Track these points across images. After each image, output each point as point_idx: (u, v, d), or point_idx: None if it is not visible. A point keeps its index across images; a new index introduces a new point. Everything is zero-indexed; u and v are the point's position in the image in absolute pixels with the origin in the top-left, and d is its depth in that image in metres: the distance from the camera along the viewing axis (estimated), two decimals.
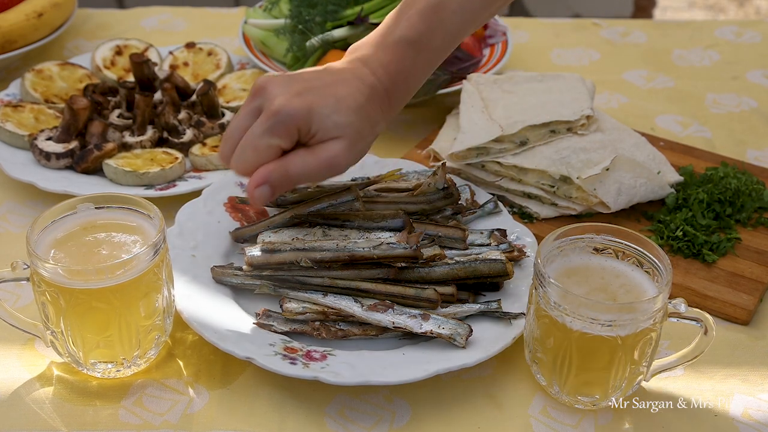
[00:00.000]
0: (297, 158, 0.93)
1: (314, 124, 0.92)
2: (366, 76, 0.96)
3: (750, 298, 1.03)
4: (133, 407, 0.90)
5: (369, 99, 0.95)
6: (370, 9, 1.42)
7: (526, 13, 3.05)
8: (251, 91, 0.95)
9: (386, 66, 0.97)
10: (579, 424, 0.89)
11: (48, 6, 1.50)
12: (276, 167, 0.93)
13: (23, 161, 1.23)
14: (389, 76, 0.97)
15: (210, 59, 1.47)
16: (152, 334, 0.92)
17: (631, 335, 0.83)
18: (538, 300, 0.87)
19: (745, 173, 1.21)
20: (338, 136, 0.93)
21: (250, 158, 0.93)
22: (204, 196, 1.12)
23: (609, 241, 0.91)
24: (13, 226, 1.17)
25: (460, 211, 1.11)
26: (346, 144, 0.93)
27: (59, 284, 0.85)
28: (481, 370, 0.95)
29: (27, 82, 1.37)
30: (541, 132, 1.19)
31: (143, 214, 0.93)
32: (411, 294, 0.96)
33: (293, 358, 0.91)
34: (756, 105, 1.47)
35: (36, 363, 0.95)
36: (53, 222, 0.91)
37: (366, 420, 0.90)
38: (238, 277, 1.01)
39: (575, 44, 1.66)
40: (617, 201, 1.13)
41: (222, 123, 1.32)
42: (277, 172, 0.93)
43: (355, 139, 0.94)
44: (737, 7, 3.97)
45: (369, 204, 1.07)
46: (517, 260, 1.04)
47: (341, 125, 0.93)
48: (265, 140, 0.92)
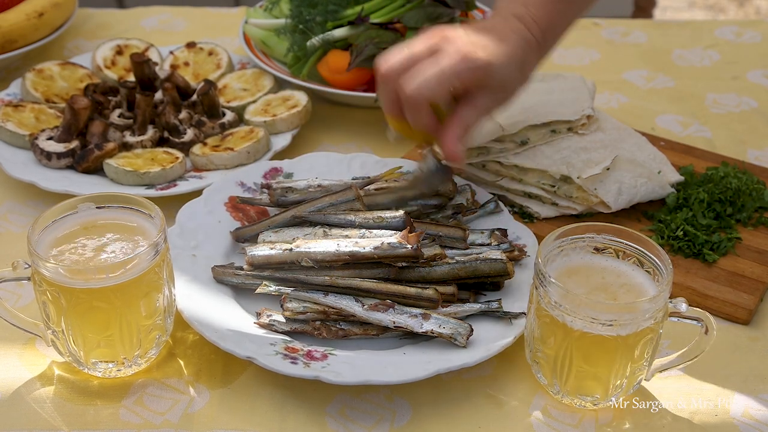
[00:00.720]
0: (469, 111, 0.98)
1: (490, 77, 0.96)
2: (523, 32, 1.00)
3: (750, 298, 1.03)
4: (134, 407, 0.90)
5: (527, 54, 1.00)
6: (371, 9, 1.42)
7: None
8: (427, 32, 0.98)
9: (539, 21, 1.01)
10: (580, 423, 0.89)
11: (48, 6, 1.50)
12: (463, 122, 0.97)
13: (24, 161, 1.23)
14: (541, 31, 1.01)
15: (210, 59, 1.47)
16: (153, 334, 0.92)
17: (631, 335, 0.83)
18: (539, 299, 0.87)
19: (745, 173, 1.21)
20: (504, 90, 0.99)
21: (432, 85, 0.93)
22: (205, 196, 1.13)
23: (609, 240, 0.91)
24: (14, 225, 1.17)
25: (461, 210, 1.11)
26: (505, 98, 0.99)
27: (60, 284, 0.85)
28: (481, 370, 0.95)
29: (28, 81, 1.37)
30: (541, 132, 1.19)
31: (144, 213, 0.93)
32: (412, 293, 0.96)
33: (294, 357, 0.91)
34: (756, 105, 1.47)
35: (37, 362, 0.95)
36: (54, 221, 0.91)
37: (367, 419, 0.90)
38: (238, 276, 1.01)
39: (576, 44, 1.66)
40: (618, 201, 1.13)
41: (222, 123, 1.32)
42: (464, 127, 0.98)
43: (514, 94, 1.01)
44: (737, 7, 3.97)
45: (369, 200, 1.07)
46: (517, 260, 1.04)
47: (509, 81, 0.98)
48: (450, 78, 0.94)
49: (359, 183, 1.13)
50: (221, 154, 1.23)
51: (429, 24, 1.39)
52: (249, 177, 1.17)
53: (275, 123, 1.30)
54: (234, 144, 1.26)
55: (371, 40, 1.35)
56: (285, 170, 1.19)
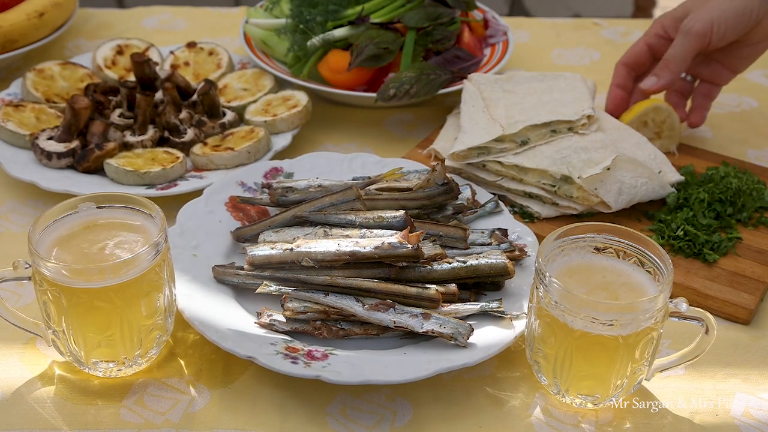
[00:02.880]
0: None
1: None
2: None
3: (751, 298, 1.03)
4: (135, 406, 0.90)
5: None
6: (371, 9, 1.42)
7: (526, 13, 3.05)
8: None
9: None
10: (580, 423, 0.89)
11: (49, 6, 1.50)
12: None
13: (24, 161, 1.23)
14: None
15: (211, 59, 1.47)
16: (153, 334, 0.92)
17: (632, 334, 0.83)
18: (539, 299, 0.87)
19: (745, 173, 1.21)
20: None
21: None
22: (205, 196, 1.13)
23: (610, 240, 0.91)
24: (14, 225, 1.17)
25: (461, 210, 1.11)
26: None
27: (61, 283, 0.85)
28: (482, 370, 0.95)
29: (28, 81, 1.37)
30: (542, 131, 1.19)
31: (144, 213, 0.93)
32: (412, 293, 0.96)
33: (294, 357, 0.91)
34: (756, 105, 1.47)
35: (37, 362, 0.95)
36: (55, 221, 0.91)
37: (367, 419, 0.90)
38: (239, 276, 1.01)
39: (576, 44, 1.66)
40: (618, 201, 1.13)
41: (223, 122, 1.32)
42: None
43: None
44: None
45: (370, 202, 1.07)
46: (518, 260, 1.04)
47: None
48: None
49: (360, 183, 1.13)
50: (222, 153, 1.23)
51: (429, 24, 1.39)
52: (249, 177, 1.17)
53: (275, 123, 1.30)
54: (234, 144, 1.26)
55: (371, 40, 1.35)
56: (285, 170, 1.19)
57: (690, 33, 1.19)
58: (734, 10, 1.17)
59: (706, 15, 1.18)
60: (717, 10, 1.18)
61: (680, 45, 1.20)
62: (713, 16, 1.18)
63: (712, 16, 1.18)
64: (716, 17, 1.18)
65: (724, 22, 1.18)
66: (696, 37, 1.19)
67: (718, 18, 1.18)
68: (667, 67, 1.22)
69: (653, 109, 1.27)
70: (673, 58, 1.21)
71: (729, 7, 1.17)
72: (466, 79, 1.32)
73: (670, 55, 1.22)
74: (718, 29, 1.18)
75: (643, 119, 1.27)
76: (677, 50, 1.21)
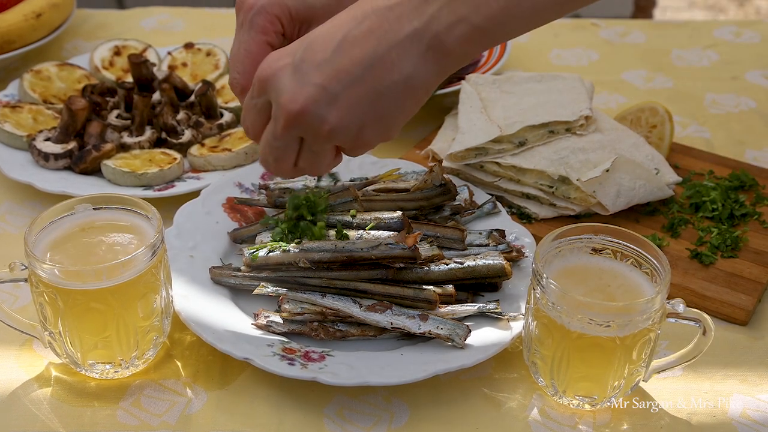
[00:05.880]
0: None
1: None
2: None
3: (749, 299, 1.02)
4: (131, 408, 0.90)
5: None
6: None
7: None
8: None
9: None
10: (577, 424, 0.89)
11: (47, 6, 1.50)
12: None
13: (21, 162, 1.23)
14: None
15: (208, 60, 1.47)
16: (150, 335, 0.92)
17: (629, 336, 0.83)
18: (537, 300, 0.87)
19: (744, 173, 1.21)
20: None
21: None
22: (202, 197, 1.12)
23: (607, 241, 0.91)
24: (11, 226, 1.17)
25: (459, 211, 1.11)
26: None
27: (57, 285, 0.85)
28: (479, 371, 0.95)
29: (25, 82, 1.37)
30: (539, 132, 1.19)
31: (141, 214, 0.93)
32: (409, 294, 0.96)
33: (291, 358, 0.91)
34: (755, 105, 1.47)
35: (34, 364, 0.95)
36: (51, 223, 0.91)
37: (364, 420, 0.90)
38: (236, 277, 1.01)
39: (574, 44, 1.66)
40: (616, 203, 1.13)
41: (220, 123, 1.32)
42: None
43: None
44: (737, 7, 3.97)
45: (367, 203, 1.07)
46: (515, 261, 1.04)
47: None
48: None
49: (357, 184, 1.12)
50: (219, 154, 1.23)
51: None
52: (247, 178, 1.17)
53: None
54: (232, 145, 1.26)
55: None
56: None
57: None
58: None
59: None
60: None
61: None
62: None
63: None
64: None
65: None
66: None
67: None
68: None
69: (650, 109, 1.27)
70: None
71: None
72: (464, 79, 1.32)
73: None
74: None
75: (638, 115, 1.27)
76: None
